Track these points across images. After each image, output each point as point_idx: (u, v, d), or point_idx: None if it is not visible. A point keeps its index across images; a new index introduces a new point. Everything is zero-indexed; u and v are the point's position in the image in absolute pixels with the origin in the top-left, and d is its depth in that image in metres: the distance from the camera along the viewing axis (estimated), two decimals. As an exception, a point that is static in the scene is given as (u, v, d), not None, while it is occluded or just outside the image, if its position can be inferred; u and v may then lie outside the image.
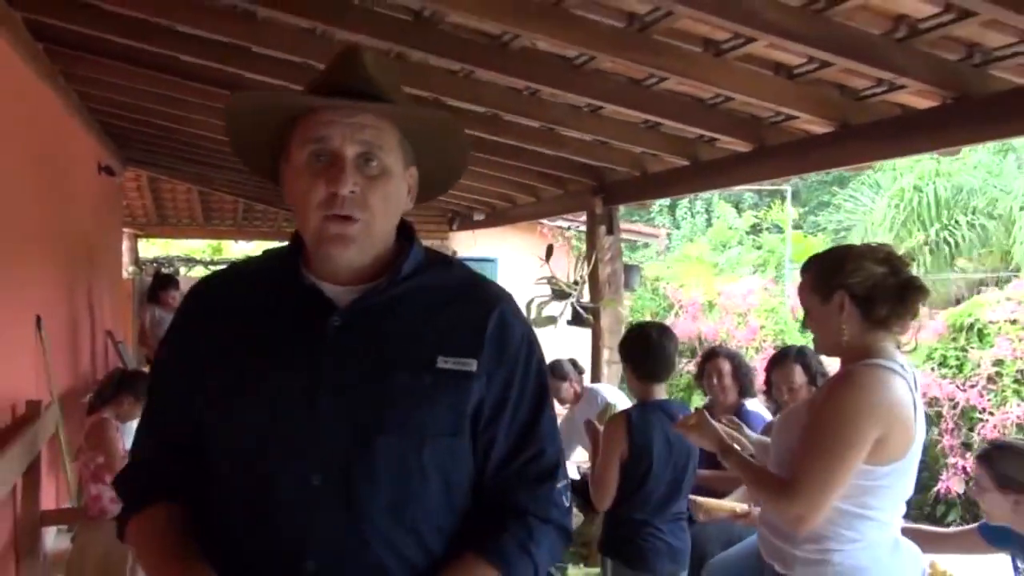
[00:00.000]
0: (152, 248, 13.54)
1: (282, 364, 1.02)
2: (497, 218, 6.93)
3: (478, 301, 1.07)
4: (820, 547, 1.68)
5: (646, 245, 10.10)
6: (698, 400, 5.90)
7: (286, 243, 1.13)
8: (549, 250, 4.86)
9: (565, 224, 8.46)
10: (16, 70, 3.58)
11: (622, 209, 7.52)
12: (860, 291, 1.71)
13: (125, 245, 9.72)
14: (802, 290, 1.82)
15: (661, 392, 2.43)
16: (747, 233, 15.55)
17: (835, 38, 2.45)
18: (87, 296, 5.62)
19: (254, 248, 13.39)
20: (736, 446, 1.89)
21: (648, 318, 9.29)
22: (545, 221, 7.90)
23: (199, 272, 12.44)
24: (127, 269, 9.87)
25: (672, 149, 4.01)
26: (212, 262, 12.24)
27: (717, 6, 2.31)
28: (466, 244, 8.70)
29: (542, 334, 4.44)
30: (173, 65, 3.86)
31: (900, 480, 1.70)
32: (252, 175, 7.67)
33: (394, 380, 1.00)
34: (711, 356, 3.26)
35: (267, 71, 3.58)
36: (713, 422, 1.96)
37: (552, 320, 4.70)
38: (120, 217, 8.62)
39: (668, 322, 9.22)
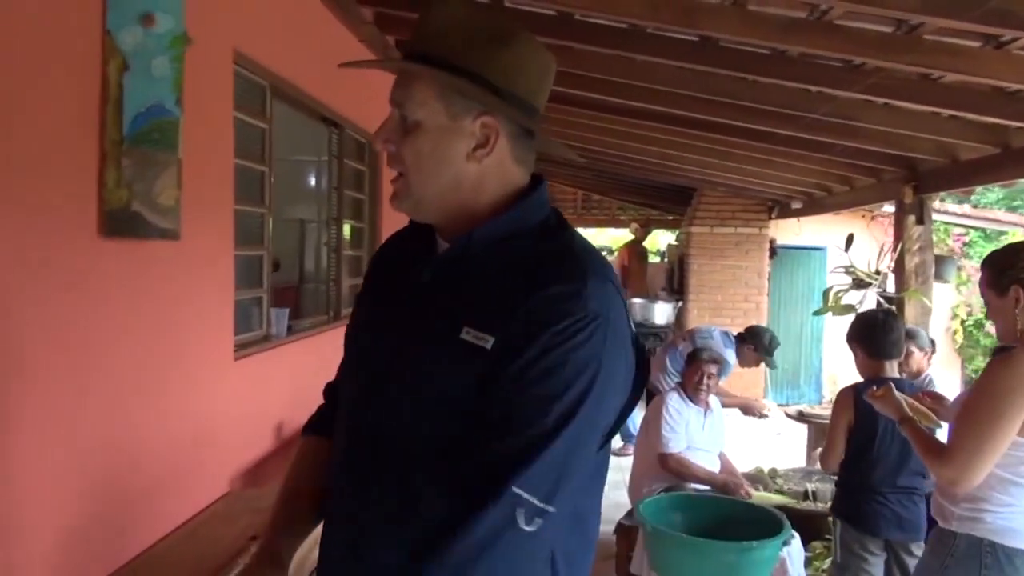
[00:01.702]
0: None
1: (387, 308, 1.09)
2: (814, 206, 6.93)
3: (531, 283, 0.94)
4: (975, 507, 1.89)
5: (1001, 234, 8.99)
6: None
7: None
8: (849, 239, 4.91)
9: (901, 212, 8.02)
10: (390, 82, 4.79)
11: (991, 195, 6.80)
12: None
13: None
14: (982, 285, 1.99)
15: (892, 370, 2.64)
16: None
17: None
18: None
19: (592, 235, 14.62)
20: (915, 416, 2.13)
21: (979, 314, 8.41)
22: (870, 208, 7.62)
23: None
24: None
25: (979, 137, 3.89)
26: (556, 246, 13.63)
27: (964, 11, 2.43)
28: (791, 232, 8.71)
29: (841, 322, 4.58)
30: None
31: None
32: (591, 169, 8.64)
33: (414, 340, 1.00)
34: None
35: (584, 87, 4.32)
36: (898, 395, 2.20)
37: (851, 308, 4.78)
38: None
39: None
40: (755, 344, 4.69)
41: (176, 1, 2.02)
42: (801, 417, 5.41)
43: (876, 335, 2.65)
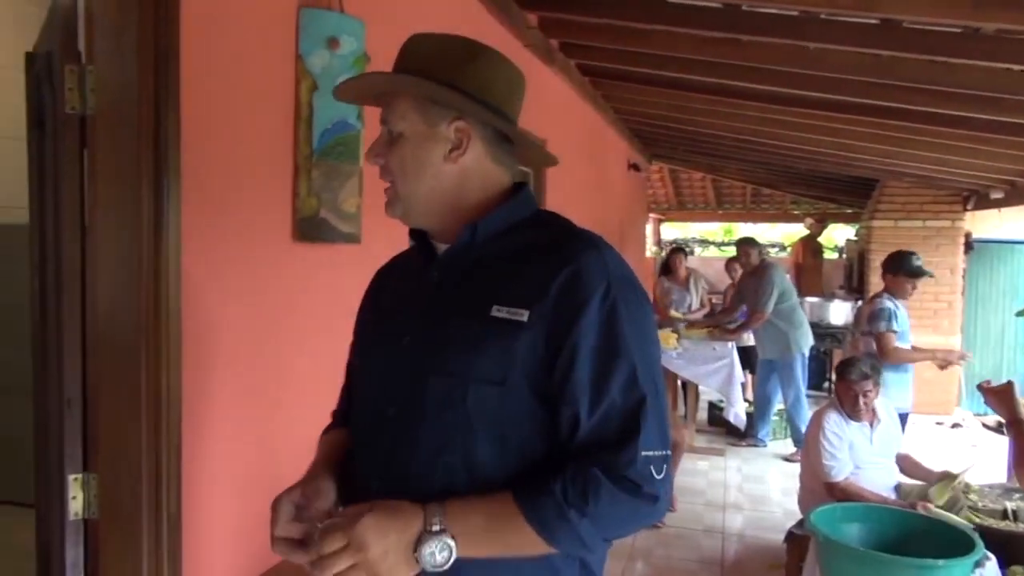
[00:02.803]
0: (673, 231, 15.20)
1: (397, 314, 1.18)
2: (1019, 196, 6.26)
3: (553, 257, 1.05)
4: None
5: None
6: None
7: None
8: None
9: None
10: (571, 99, 4.91)
11: None
12: None
13: (649, 228, 11.29)
14: None
15: None
16: None
17: None
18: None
19: (762, 230, 13.99)
20: None
21: None
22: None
23: (711, 253, 13.57)
24: (650, 248, 11.44)
25: None
26: (724, 243, 13.20)
27: None
28: (990, 223, 7.93)
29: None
30: (681, 83, 4.75)
31: None
32: (760, 162, 8.45)
33: (448, 326, 1.08)
34: None
35: (752, 79, 4.18)
36: (1018, 397, 2.02)
37: (1063, 309, 4.30)
38: (645, 204, 10.12)
39: None
40: (894, 270, 4.45)
41: (358, 25, 2.19)
42: (1002, 428, 4.92)
43: None
